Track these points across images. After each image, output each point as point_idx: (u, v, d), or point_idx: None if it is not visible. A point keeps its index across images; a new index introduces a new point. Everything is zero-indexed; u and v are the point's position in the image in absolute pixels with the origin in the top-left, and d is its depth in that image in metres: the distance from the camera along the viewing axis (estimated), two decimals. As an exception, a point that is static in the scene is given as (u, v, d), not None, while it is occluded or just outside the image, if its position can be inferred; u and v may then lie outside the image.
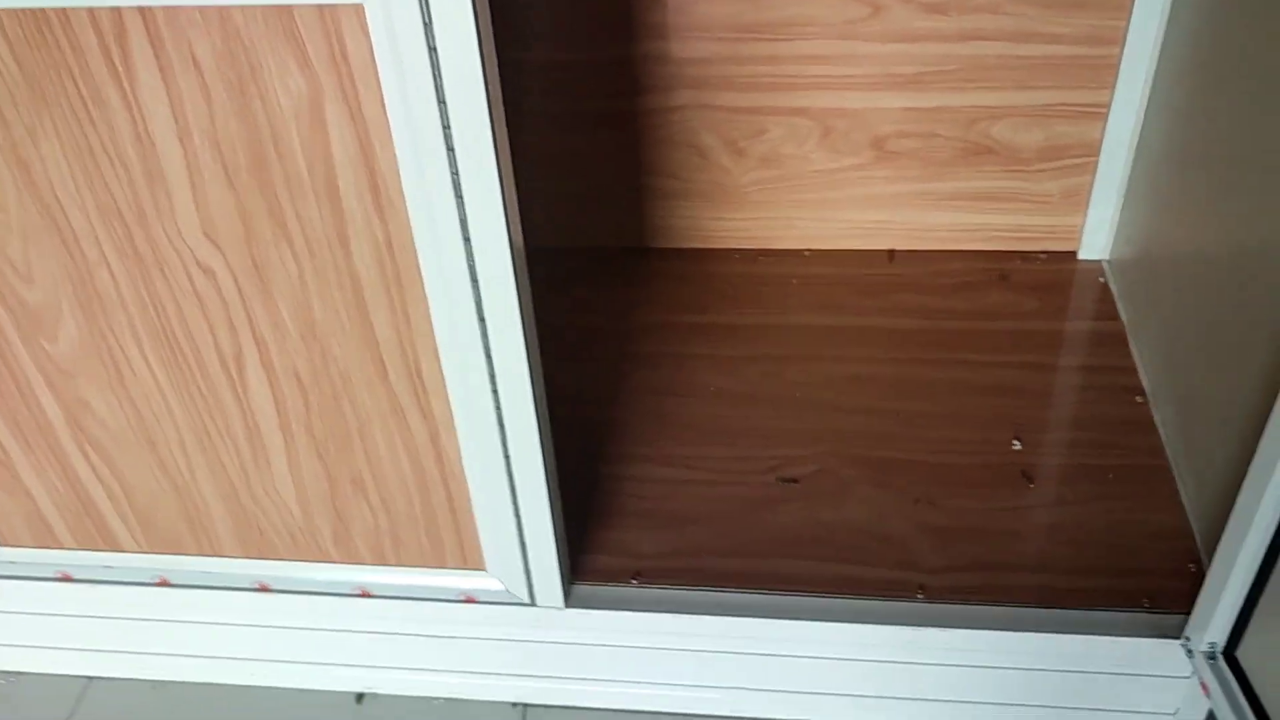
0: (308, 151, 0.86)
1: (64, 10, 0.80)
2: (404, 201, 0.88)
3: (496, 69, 0.82)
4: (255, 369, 1.01)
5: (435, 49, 0.79)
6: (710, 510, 1.26)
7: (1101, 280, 1.53)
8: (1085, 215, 1.52)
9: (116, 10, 0.79)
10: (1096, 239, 1.54)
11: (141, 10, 0.79)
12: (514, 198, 0.88)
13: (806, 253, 1.61)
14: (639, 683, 1.23)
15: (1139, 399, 1.35)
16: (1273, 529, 0.97)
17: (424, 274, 0.92)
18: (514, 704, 1.28)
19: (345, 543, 1.15)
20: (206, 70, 0.82)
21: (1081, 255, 1.56)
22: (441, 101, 0.81)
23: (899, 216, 1.56)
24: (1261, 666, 1.02)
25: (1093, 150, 1.46)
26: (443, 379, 0.99)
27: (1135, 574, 1.16)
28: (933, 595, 1.16)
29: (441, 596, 1.18)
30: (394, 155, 0.85)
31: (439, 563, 1.16)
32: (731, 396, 1.40)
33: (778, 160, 1.53)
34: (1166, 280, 1.34)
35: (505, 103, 0.85)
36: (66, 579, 1.24)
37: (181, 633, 1.27)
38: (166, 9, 0.79)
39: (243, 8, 0.78)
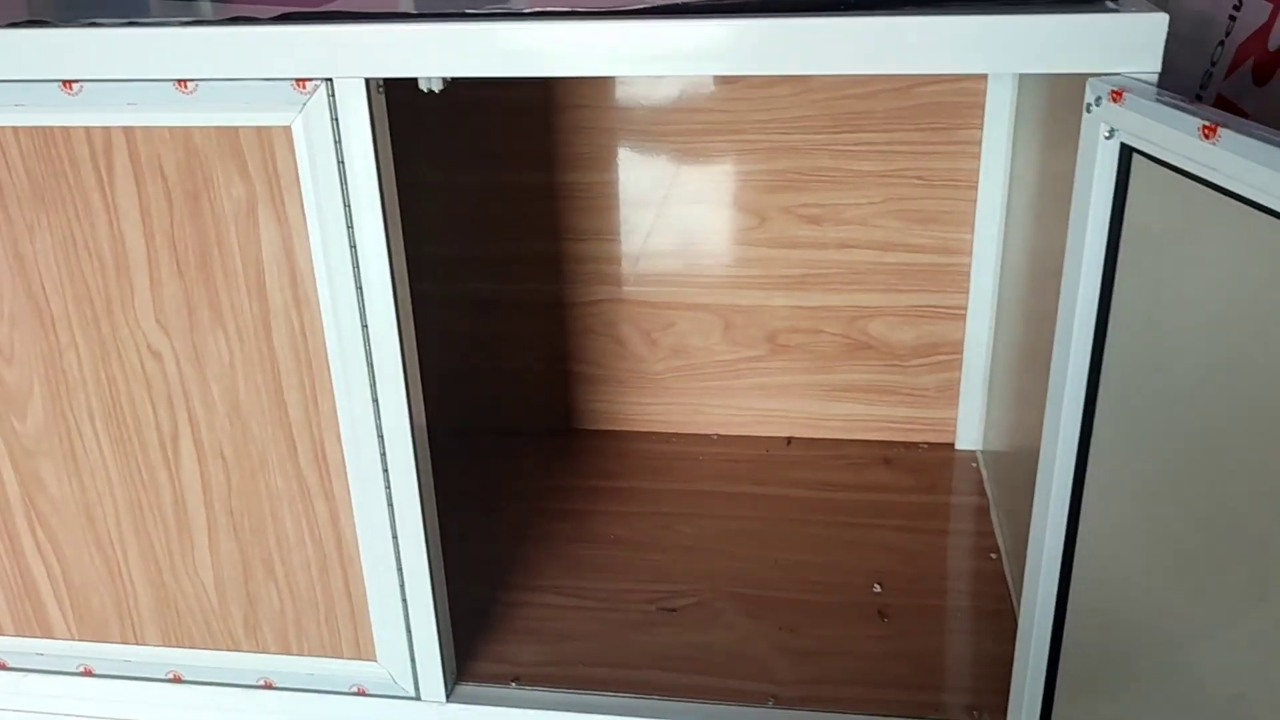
0: (243, 249, 1.08)
1: (66, 129, 1.05)
2: (316, 294, 1.09)
3: (393, 179, 1.05)
4: (188, 446, 1.18)
5: (343, 161, 1.02)
6: (591, 630, 1.38)
7: (974, 465, 1.70)
8: (957, 409, 1.71)
9: (107, 129, 1.04)
10: (970, 430, 1.72)
11: (125, 130, 1.04)
12: (404, 274, 1.09)
13: (714, 436, 1.79)
14: (515, 792, 1.31)
15: (993, 556, 1.49)
16: (1050, 624, 1.10)
17: (330, 359, 1.12)
18: (400, 816, 1.35)
19: (254, 629, 1.28)
20: (170, 179, 1.06)
21: (958, 446, 1.74)
22: (347, 205, 1.04)
23: (795, 406, 1.76)
24: (1066, 754, 1.11)
25: (957, 349, 1.68)
26: (344, 460, 1.17)
27: (968, 692, 1.27)
28: (782, 703, 1.26)
29: (336, 688, 1.29)
30: (309, 253, 1.07)
31: (336, 652, 1.28)
32: (628, 543, 1.54)
33: (686, 351, 1.74)
34: (1019, 462, 1.51)
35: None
36: (2, 667, 1.36)
37: (98, 731, 1.37)
38: (145, 129, 1.04)
39: (201, 128, 1.03)
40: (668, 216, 1.67)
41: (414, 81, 1.04)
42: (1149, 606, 0.96)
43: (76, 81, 1.02)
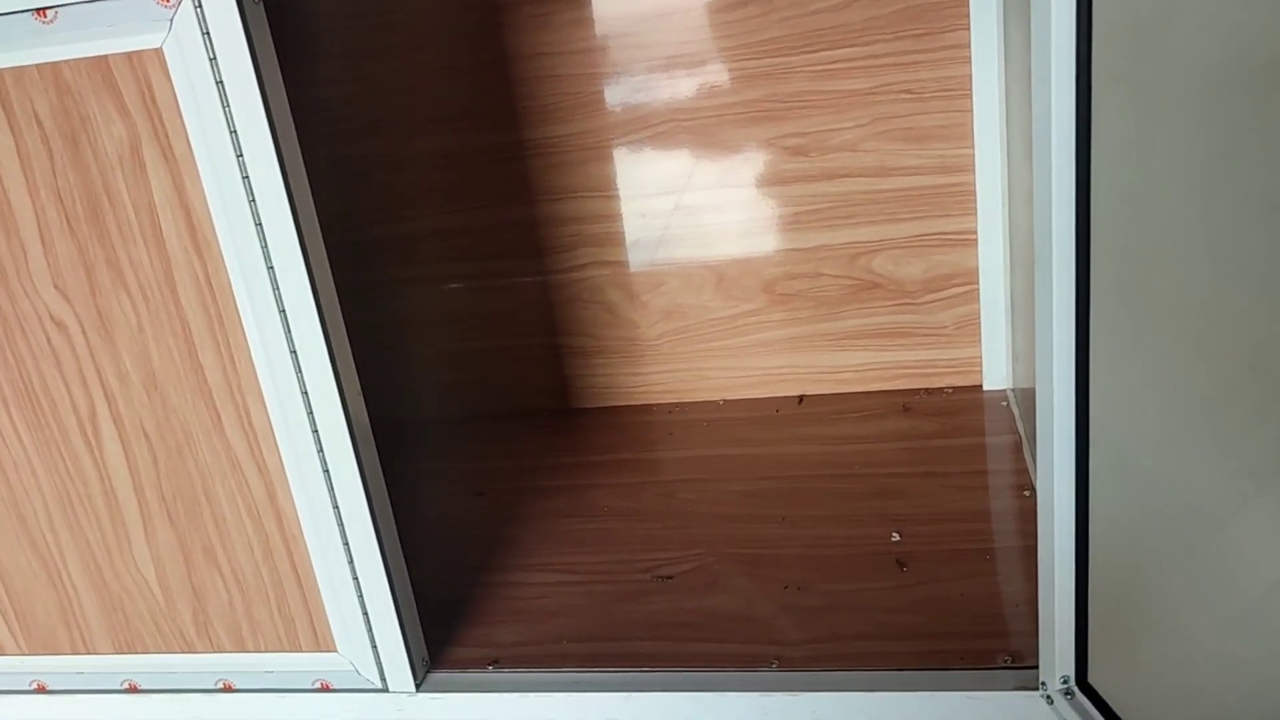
0: (133, 195, 0.99)
1: (-67, 80, 0.97)
2: (216, 238, 0.99)
3: (284, 99, 0.95)
4: (108, 425, 1.09)
5: (221, 82, 0.93)
6: (577, 605, 1.25)
7: (1004, 405, 1.54)
8: (980, 345, 1.56)
9: (-27, 76, 0.96)
10: (996, 368, 1.56)
11: (-8, 74, 0.96)
12: (310, 207, 0.99)
13: (721, 402, 1.66)
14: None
15: (1027, 494, 1.33)
16: (1073, 552, 0.95)
17: (240, 309, 1.01)
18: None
19: (205, 626, 1.17)
20: (46, 124, 0.97)
21: (986, 386, 1.58)
22: (233, 132, 0.94)
23: (804, 360, 1.62)
24: (1112, 685, 0.96)
25: (973, 278, 1.53)
26: (271, 426, 1.06)
27: (1000, 636, 1.11)
28: (788, 665, 1.12)
29: (299, 685, 1.18)
30: (203, 192, 0.97)
31: (294, 645, 1.17)
32: (623, 514, 1.42)
33: (680, 311, 1.62)
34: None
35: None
36: (-44, 691, 1.27)
37: (63, 755, 1.28)
38: (12, 71, 0.95)
39: (70, 62, 0.94)
40: (640, 169, 1.55)
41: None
42: (1172, 517, 0.82)
43: (-66, 26, 0.94)
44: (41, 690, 1.24)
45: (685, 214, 1.56)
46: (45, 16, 0.92)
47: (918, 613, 1.16)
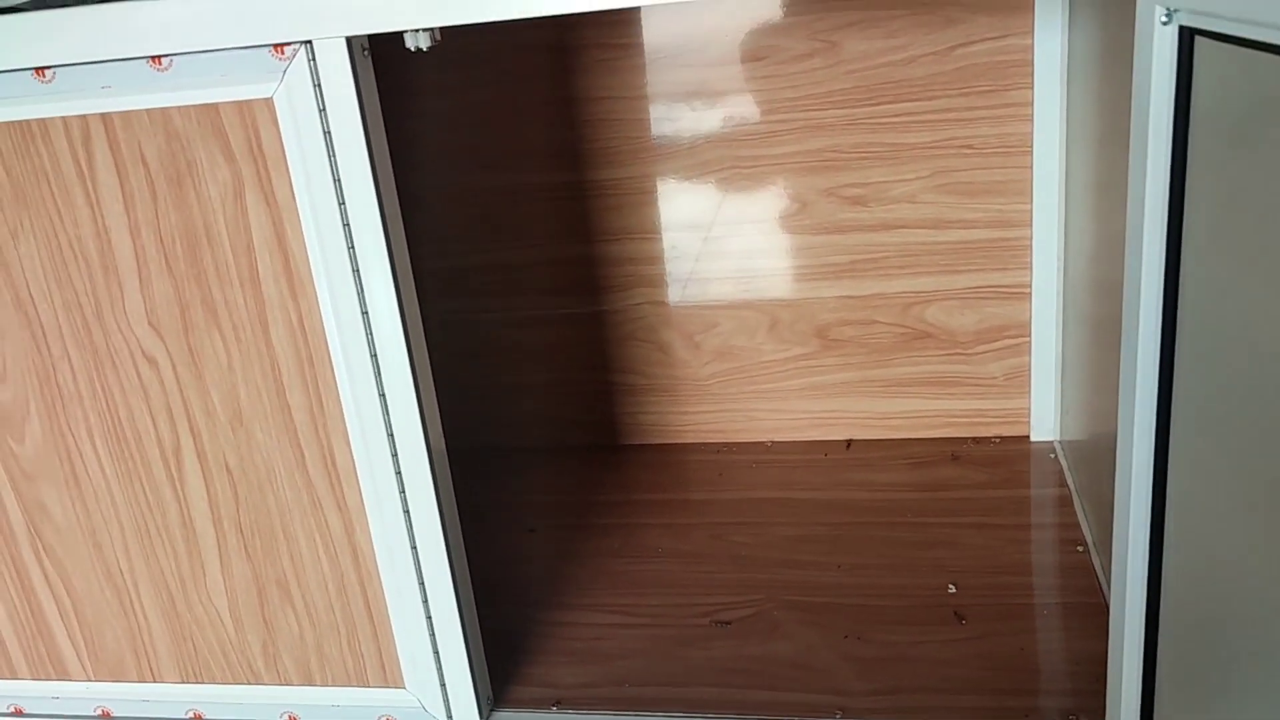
0: (232, 237, 1.01)
1: (44, 121, 0.99)
2: (312, 282, 1.01)
3: (386, 150, 0.98)
4: (191, 459, 1.11)
5: (329, 132, 0.95)
6: (638, 648, 1.27)
7: (1052, 457, 1.56)
8: (1030, 397, 1.58)
9: (84, 118, 0.98)
10: (1045, 420, 1.58)
11: (103, 117, 0.98)
12: (404, 253, 1.01)
13: (769, 443, 1.68)
14: (564, 827, 1.20)
15: (1079, 549, 1.35)
16: (1142, 617, 0.97)
17: (332, 354, 1.03)
18: None
19: (274, 659, 1.19)
20: (152, 167, 0.99)
21: (1034, 437, 1.60)
22: (337, 180, 0.96)
23: (853, 405, 1.64)
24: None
25: (1025, 331, 1.55)
26: (354, 465, 1.08)
27: (1060, 694, 1.13)
28: (851, 715, 1.13)
29: (364, 720, 1.19)
30: (302, 237, 1.00)
31: (361, 680, 1.18)
32: (678, 556, 1.43)
33: (732, 353, 1.64)
34: (1103, 449, 1.37)
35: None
36: (19, 713, 1.28)
37: (122, 780, 1.29)
38: (123, 114, 0.98)
39: (181, 108, 0.97)
40: (701, 210, 1.57)
41: (402, 42, 0.96)
42: (1251, 587, 0.83)
43: (49, 68, 0.97)
44: (106, 717, 1.26)
45: (742, 258, 1.58)
46: (160, 64, 0.95)
47: (979, 667, 1.18)
